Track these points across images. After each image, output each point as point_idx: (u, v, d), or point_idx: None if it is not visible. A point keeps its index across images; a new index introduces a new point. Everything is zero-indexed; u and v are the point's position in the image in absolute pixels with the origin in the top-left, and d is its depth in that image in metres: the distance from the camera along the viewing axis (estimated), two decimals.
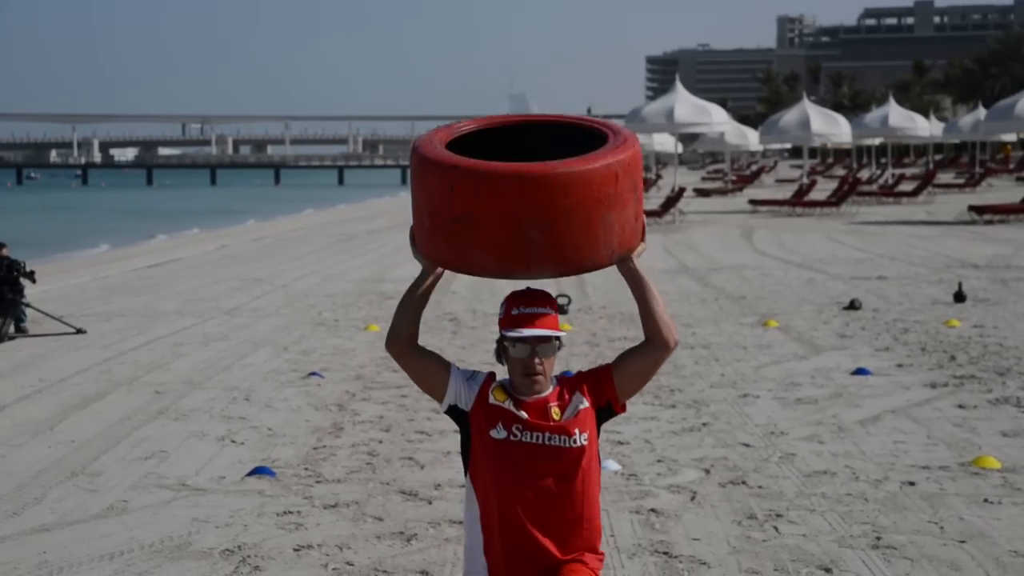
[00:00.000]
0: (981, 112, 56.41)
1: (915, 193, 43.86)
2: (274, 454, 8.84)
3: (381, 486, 7.91)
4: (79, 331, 15.20)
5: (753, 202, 40.89)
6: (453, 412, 4.22)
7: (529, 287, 4.14)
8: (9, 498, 7.83)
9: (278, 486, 7.98)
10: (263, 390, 11.23)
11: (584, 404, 4.11)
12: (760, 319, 15.06)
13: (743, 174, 69.74)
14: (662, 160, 79.36)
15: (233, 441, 9.30)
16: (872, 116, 52.71)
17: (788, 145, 66.32)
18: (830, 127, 42.12)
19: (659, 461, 8.39)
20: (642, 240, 4.18)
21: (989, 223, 31.66)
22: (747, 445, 8.82)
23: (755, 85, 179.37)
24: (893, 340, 13.26)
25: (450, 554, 6.50)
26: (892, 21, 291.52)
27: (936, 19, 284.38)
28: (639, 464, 8.34)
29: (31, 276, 15.79)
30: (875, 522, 6.94)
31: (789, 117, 42.68)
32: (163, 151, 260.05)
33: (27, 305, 15.62)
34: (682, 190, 37.01)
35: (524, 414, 4.07)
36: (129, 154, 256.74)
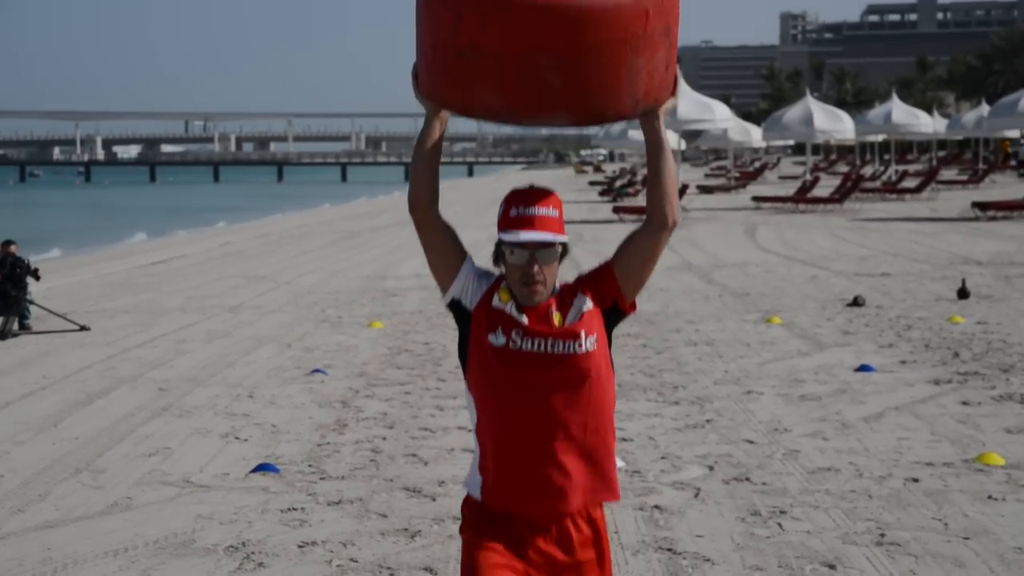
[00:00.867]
0: (984, 108, 56.33)
1: (918, 190, 43.84)
2: (278, 451, 8.85)
3: (385, 483, 7.91)
4: (83, 328, 15.21)
5: (756, 199, 40.88)
6: (455, 308, 3.86)
7: (532, 185, 3.79)
8: (13, 495, 7.84)
9: (282, 483, 7.99)
10: (267, 387, 11.24)
11: (588, 305, 3.76)
12: (763, 316, 15.05)
13: (746, 171, 69.75)
14: None
15: (237, 438, 9.31)
16: (875, 113, 52.70)
17: (791, 142, 66.16)
18: (833, 124, 42.06)
19: (663, 458, 8.40)
20: (673, 95, 3.82)
21: (992, 219, 31.63)
22: (751, 442, 8.82)
23: (758, 82, 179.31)
24: (897, 337, 13.25)
25: (454, 551, 6.50)
26: (895, 17, 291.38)
27: (939, 15, 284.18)
28: (643, 461, 8.34)
29: (35, 274, 15.81)
30: (879, 519, 6.94)
31: (792, 114, 42.63)
32: (166, 148, 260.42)
33: (31, 302, 15.64)
34: (685, 187, 37.00)
35: (525, 319, 3.71)
36: (132, 151, 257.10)
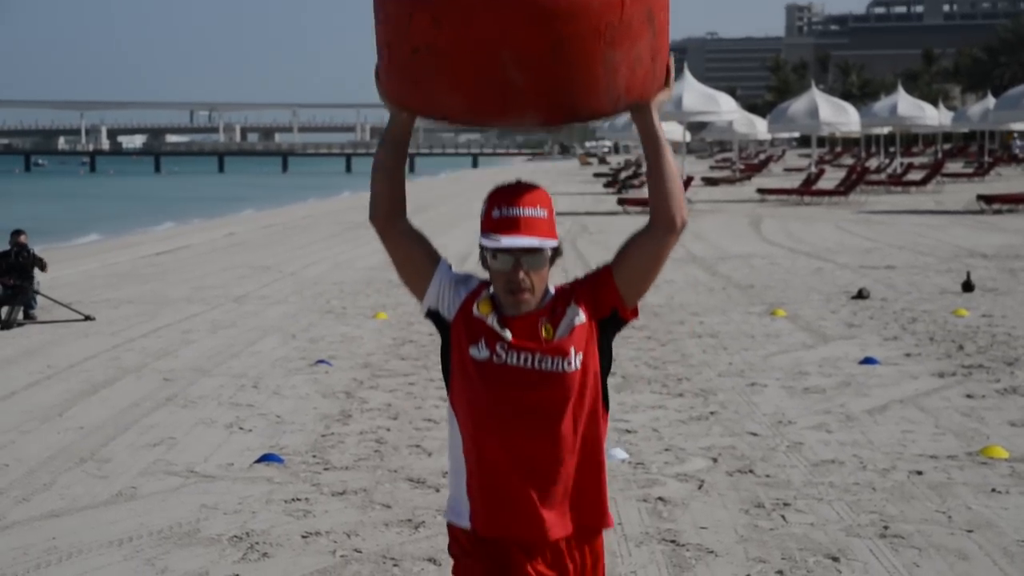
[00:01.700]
0: (990, 101, 56.28)
1: (924, 182, 43.80)
2: (282, 441, 8.86)
3: (389, 473, 7.92)
4: (88, 318, 15.23)
5: (761, 191, 40.84)
6: (434, 318, 3.57)
7: (519, 180, 3.47)
8: (19, 484, 7.86)
9: (286, 473, 8.00)
10: (271, 377, 11.25)
11: (580, 318, 3.44)
12: (768, 308, 15.05)
13: (751, 163, 69.69)
14: None
15: (241, 428, 9.32)
16: (881, 105, 52.60)
17: (796, 134, 66.26)
18: (839, 116, 42.03)
19: (667, 450, 8.40)
20: (666, 86, 3.47)
21: (998, 212, 31.60)
22: (755, 434, 8.82)
23: (763, 74, 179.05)
24: (901, 329, 13.24)
25: None
26: (901, 9, 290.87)
27: (945, 7, 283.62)
28: (646, 453, 8.34)
29: (42, 264, 15.86)
30: (883, 511, 6.95)
31: (797, 106, 42.60)
32: (171, 138, 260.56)
33: (37, 292, 15.67)
34: (690, 179, 36.97)
35: (508, 333, 3.41)
36: (137, 141, 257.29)
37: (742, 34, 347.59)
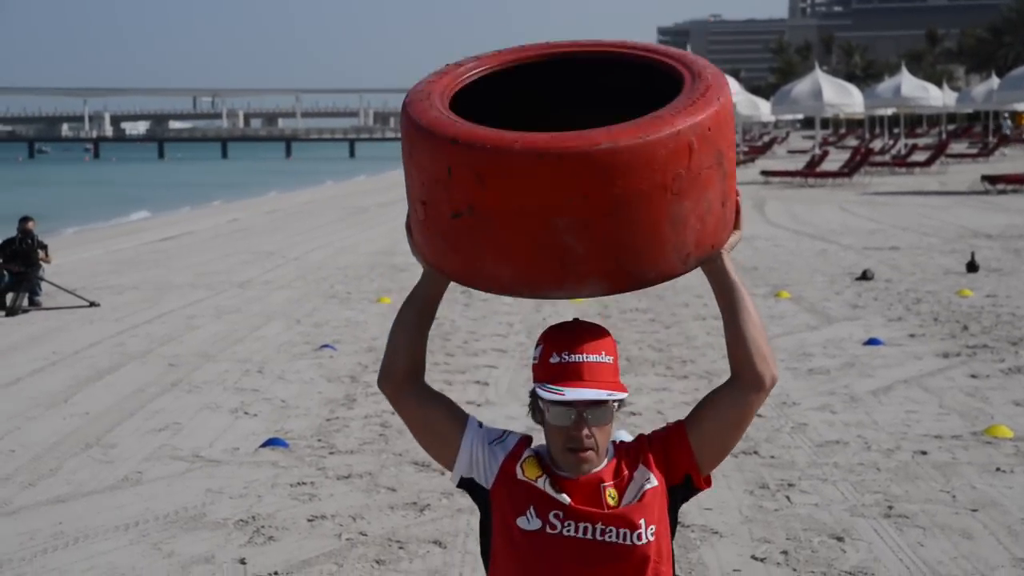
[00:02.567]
0: (994, 81, 56.13)
1: (928, 163, 43.71)
2: (287, 425, 8.88)
3: (394, 457, 7.94)
4: (92, 304, 15.25)
5: (765, 173, 40.78)
6: (468, 487, 3.07)
7: (577, 320, 3.01)
8: (25, 469, 7.88)
9: (291, 457, 8.02)
10: (276, 362, 11.27)
11: (652, 482, 2.95)
12: (772, 290, 15.04)
13: (755, 145, 69.56)
14: None
15: (246, 413, 9.34)
16: (884, 86, 52.52)
17: (800, 116, 66.02)
18: (842, 97, 41.96)
19: None
20: (736, 228, 3.03)
21: (1002, 193, 31.54)
22: (759, 415, 8.81)
23: (767, 56, 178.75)
24: (905, 310, 13.24)
25: (463, 524, 6.52)
26: None
27: None
28: None
29: (44, 249, 15.89)
30: (887, 491, 6.95)
31: (801, 88, 42.53)
32: (174, 124, 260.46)
33: (42, 279, 15.69)
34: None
35: (566, 497, 2.90)
36: (140, 127, 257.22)
37: (745, 16, 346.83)
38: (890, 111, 57.31)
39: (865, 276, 15.71)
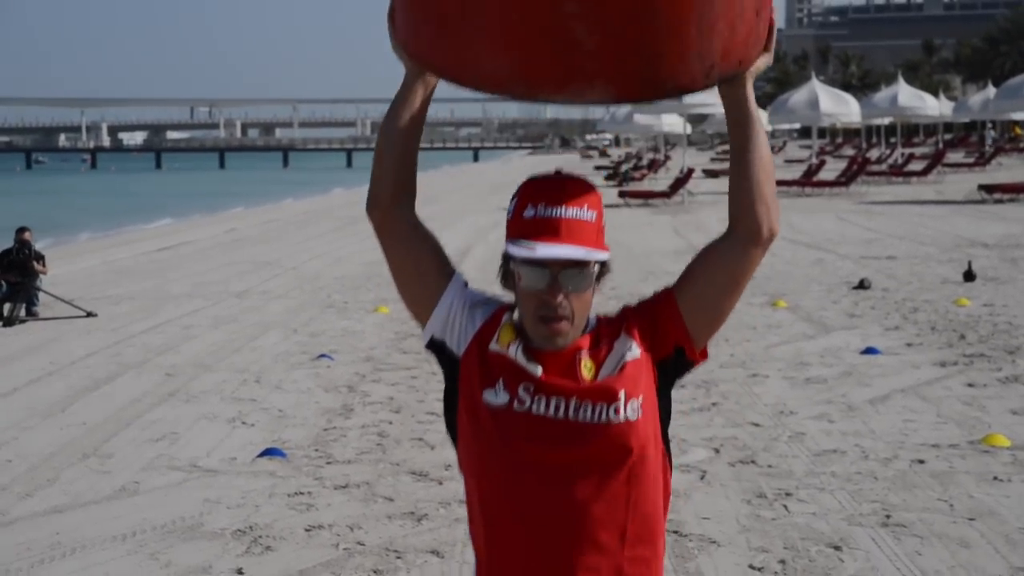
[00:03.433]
0: (991, 91, 56.20)
1: (925, 172, 43.74)
2: (284, 435, 8.87)
3: (391, 467, 7.93)
4: (89, 314, 15.24)
5: None
6: (437, 350, 2.75)
7: (559, 171, 2.66)
8: (22, 480, 7.87)
9: (289, 467, 8.01)
10: (273, 372, 11.26)
11: (633, 352, 2.60)
12: (769, 299, 15.05)
13: None
14: (671, 141, 79.35)
15: (244, 423, 9.33)
16: (881, 96, 52.55)
17: (797, 125, 66.11)
18: (839, 107, 41.97)
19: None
20: (766, 50, 2.66)
21: (999, 202, 31.56)
22: (756, 424, 8.83)
23: None
24: (903, 319, 13.24)
25: (461, 534, 6.52)
26: (901, 0, 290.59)
27: None
28: None
29: (41, 260, 15.90)
30: (884, 500, 6.95)
31: (798, 97, 42.53)
32: (172, 135, 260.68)
33: (39, 289, 15.69)
34: (691, 171, 36.95)
35: (539, 368, 2.57)
36: (138, 138, 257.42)
37: None
38: (887, 121, 57.37)
39: (862, 285, 15.72)
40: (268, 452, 8.32)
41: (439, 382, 8.65)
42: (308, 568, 6.12)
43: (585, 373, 2.57)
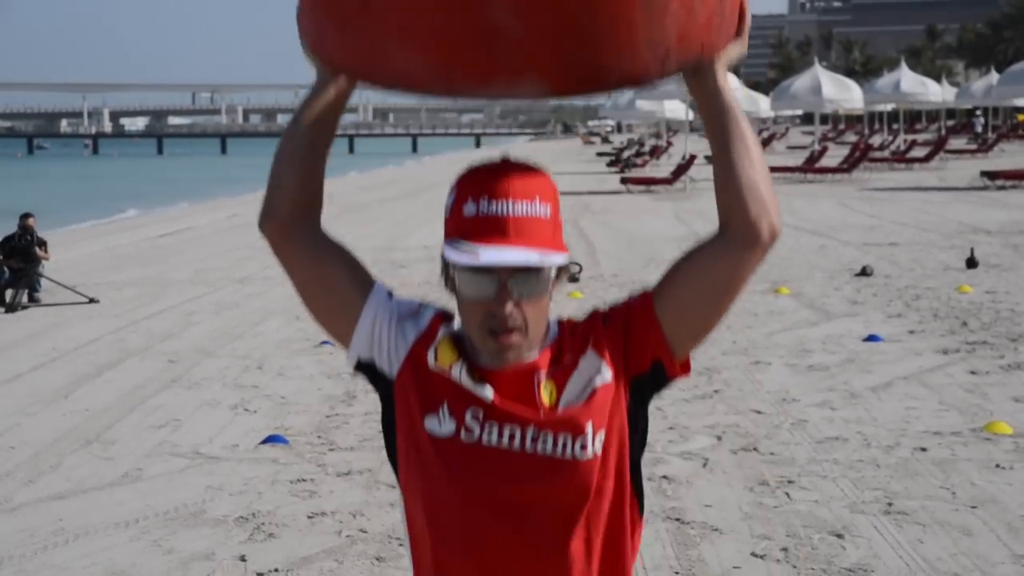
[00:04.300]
0: (994, 76, 56.10)
1: (927, 159, 43.69)
2: (287, 422, 8.88)
3: None
4: (92, 300, 15.25)
5: None
6: (368, 372, 2.34)
7: (506, 157, 2.27)
8: (25, 466, 7.88)
9: (291, 454, 8.02)
10: (276, 359, 11.27)
11: (604, 375, 2.23)
12: (771, 286, 15.04)
13: None
14: (673, 127, 79.32)
15: (246, 409, 9.34)
16: (884, 82, 52.46)
17: (799, 111, 66.11)
18: (842, 93, 41.94)
19: (671, 428, 8.41)
20: (737, 35, 2.29)
21: (1001, 188, 31.53)
22: (759, 412, 8.83)
23: (766, 51, 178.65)
24: (905, 306, 13.24)
25: None
26: None
27: None
28: (651, 431, 8.29)
29: (44, 245, 15.91)
30: (887, 488, 6.96)
31: (801, 83, 42.51)
32: (173, 120, 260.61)
33: (41, 275, 15.70)
34: (693, 157, 36.89)
35: (489, 392, 2.20)
36: (139, 123, 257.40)
37: None
38: (889, 107, 57.35)
39: (864, 272, 15.71)
40: (270, 439, 8.33)
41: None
42: (311, 555, 6.13)
43: (545, 397, 2.20)
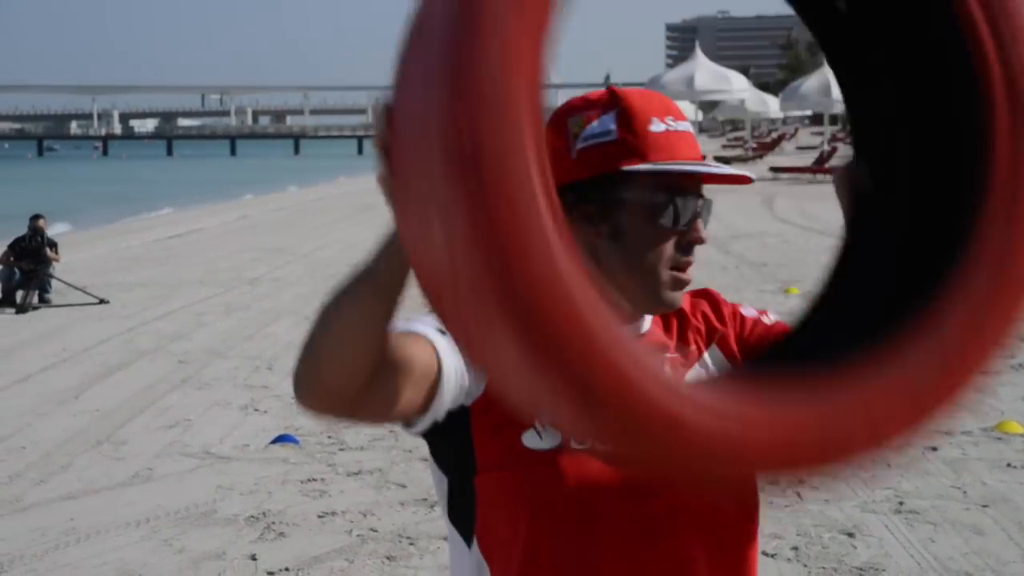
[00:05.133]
0: None
1: None
2: (297, 422, 8.89)
3: (404, 453, 7.95)
4: (102, 301, 15.28)
5: (774, 169, 40.74)
6: (447, 420, 1.76)
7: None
8: (36, 466, 7.90)
9: (302, 454, 8.03)
10: (286, 359, 11.28)
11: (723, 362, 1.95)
12: (781, 286, 15.03)
13: (763, 141, 69.47)
14: None
15: (256, 410, 9.35)
16: None
17: (809, 112, 65.99)
18: None
19: None
20: None
21: None
22: None
23: (775, 52, 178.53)
24: None
25: None
26: None
27: None
28: None
29: (54, 247, 15.96)
30: (897, 487, 6.94)
31: (810, 84, 42.44)
32: (182, 122, 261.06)
33: (51, 276, 15.74)
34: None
35: None
36: (149, 125, 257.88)
37: (754, 12, 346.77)
38: None
39: None
40: (281, 439, 8.34)
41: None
42: (321, 554, 6.14)
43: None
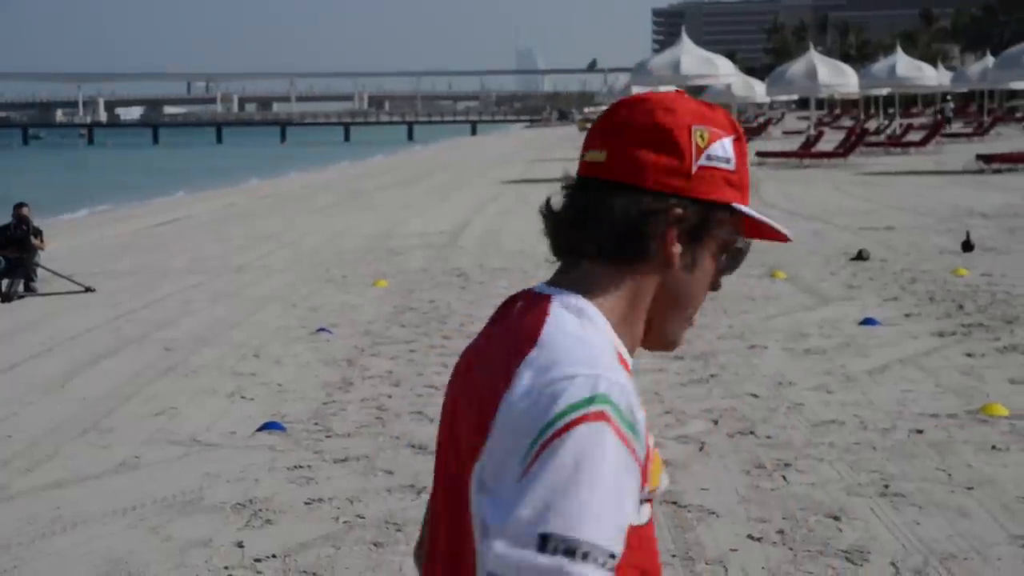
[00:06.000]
0: (989, 60, 56.06)
1: (923, 143, 43.68)
2: (284, 409, 8.88)
3: (391, 440, 7.95)
4: (88, 289, 15.25)
5: (760, 154, 40.74)
6: None
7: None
8: (22, 455, 7.89)
9: (288, 441, 8.03)
10: (272, 346, 11.27)
11: None
12: (768, 270, 15.05)
13: (750, 126, 69.47)
14: None
15: (243, 397, 9.34)
16: (879, 66, 52.37)
17: (795, 96, 65.93)
18: (837, 78, 41.88)
19: (667, 412, 8.42)
20: None
21: (997, 172, 31.53)
22: (755, 396, 8.84)
23: (761, 36, 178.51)
24: (901, 290, 13.25)
25: None
26: None
27: None
28: (648, 415, 8.33)
29: (39, 235, 15.90)
30: (883, 470, 6.97)
31: (796, 68, 42.44)
32: (168, 110, 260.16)
33: (37, 264, 15.70)
34: None
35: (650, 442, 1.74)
36: (135, 113, 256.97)
37: None
38: (885, 91, 57.18)
39: (860, 256, 15.72)
40: (267, 426, 8.33)
41: (438, 355, 8.63)
42: (308, 541, 6.14)
43: None
